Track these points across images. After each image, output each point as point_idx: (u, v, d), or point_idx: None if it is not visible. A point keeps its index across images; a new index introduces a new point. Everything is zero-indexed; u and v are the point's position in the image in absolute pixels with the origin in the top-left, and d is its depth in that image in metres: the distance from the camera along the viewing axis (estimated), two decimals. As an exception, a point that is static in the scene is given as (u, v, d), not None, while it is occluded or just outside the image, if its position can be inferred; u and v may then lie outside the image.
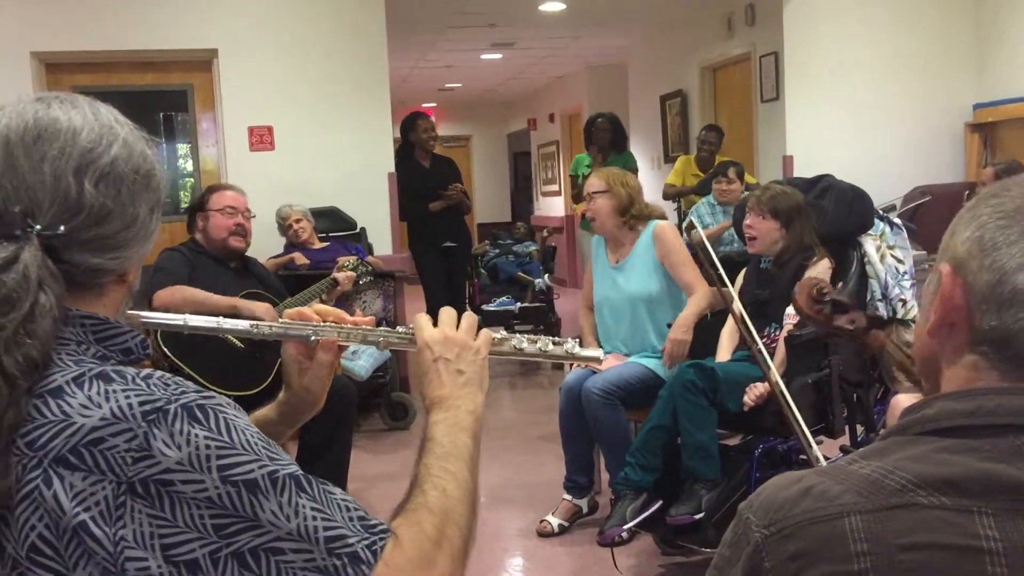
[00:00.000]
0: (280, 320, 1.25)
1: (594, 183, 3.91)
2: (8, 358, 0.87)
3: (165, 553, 0.85)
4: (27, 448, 0.87)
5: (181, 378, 0.94)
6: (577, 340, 1.31)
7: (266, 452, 0.91)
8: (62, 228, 0.93)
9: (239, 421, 0.92)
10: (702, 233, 3.09)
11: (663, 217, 4.01)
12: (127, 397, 0.89)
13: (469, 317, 1.23)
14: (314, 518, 0.89)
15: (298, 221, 5.38)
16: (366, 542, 0.90)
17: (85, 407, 0.88)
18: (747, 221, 3.51)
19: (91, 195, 0.94)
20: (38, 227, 0.92)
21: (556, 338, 1.30)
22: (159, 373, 0.93)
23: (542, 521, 3.80)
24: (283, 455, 0.92)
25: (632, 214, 3.86)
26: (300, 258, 5.22)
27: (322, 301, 4.09)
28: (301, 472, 0.91)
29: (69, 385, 0.89)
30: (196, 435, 0.88)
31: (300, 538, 0.88)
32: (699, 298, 3.66)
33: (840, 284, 3.39)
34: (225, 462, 0.88)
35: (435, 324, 1.21)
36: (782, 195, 3.48)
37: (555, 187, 12.42)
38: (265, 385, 3.73)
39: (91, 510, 0.85)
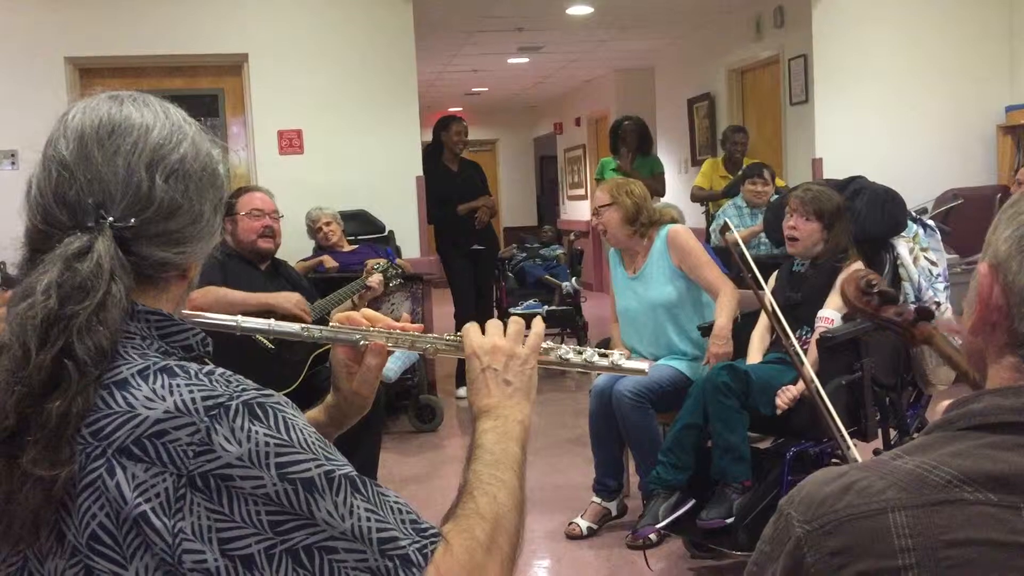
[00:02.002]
0: (331, 324, 1.26)
1: (599, 197, 3.89)
2: (80, 345, 0.88)
3: (222, 547, 0.86)
4: (92, 437, 0.88)
5: (241, 376, 0.95)
6: (620, 352, 1.30)
7: (323, 452, 0.92)
8: (132, 220, 0.95)
9: (297, 420, 0.93)
10: (736, 235, 3.08)
11: (674, 220, 3.97)
12: (191, 392, 0.90)
13: (516, 323, 1.22)
14: (368, 519, 0.90)
15: (328, 224, 5.42)
16: (417, 545, 0.91)
17: (150, 399, 0.89)
18: (790, 222, 3.46)
19: (161, 189, 0.97)
20: (111, 219, 0.94)
21: (601, 350, 1.28)
22: (220, 370, 0.94)
23: (571, 524, 3.79)
24: (338, 456, 0.94)
25: (641, 222, 3.82)
26: (329, 261, 5.25)
27: (354, 304, 4.09)
28: (356, 473, 0.93)
29: (134, 378, 0.91)
30: (256, 432, 0.89)
31: (354, 538, 0.89)
32: (728, 301, 3.61)
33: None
34: (284, 460, 0.89)
35: (483, 332, 1.21)
36: (824, 196, 3.44)
37: (581, 191, 12.41)
38: (294, 387, 3.75)
39: (151, 501, 0.86)
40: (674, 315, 3.79)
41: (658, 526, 3.19)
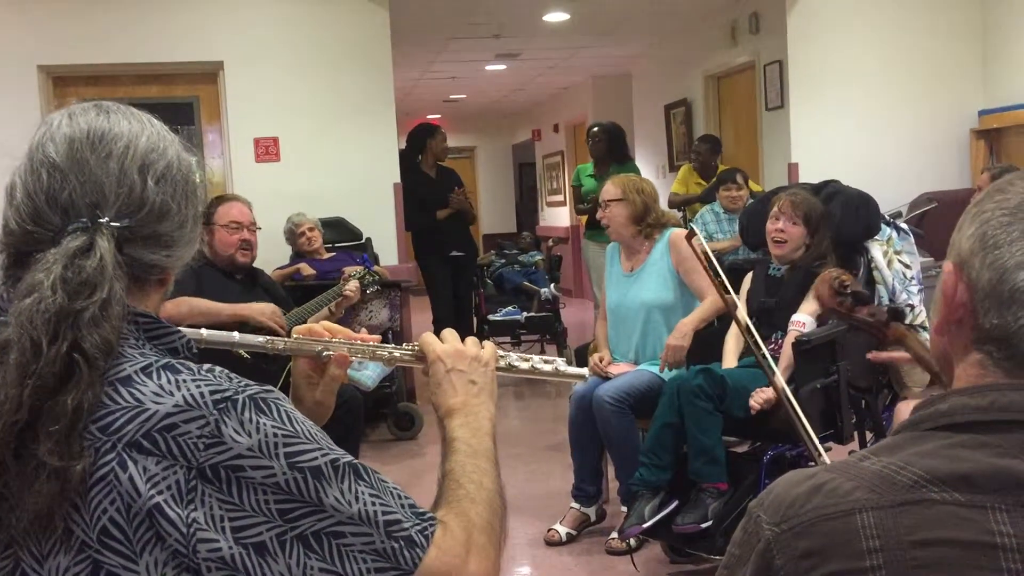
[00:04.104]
0: (293, 336, 1.30)
1: (609, 191, 3.87)
2: (89, 339, 0.90)
3: (235, 535, 0.89)
4: (100, 432, 0.89)
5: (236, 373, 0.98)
6: (564, 359, 1.39)
7: (324, 442, 0.96)
8: (127, 221, 0.98)
9: (297, 413, 0.97)
10: (703, 241, 3.08)
11: (678, 225, 3.98)
12: (198, 387, 0.93)
13: (471, 338, 1.29)
14: (373, 503, 0.94)
15: (311, 230, 5.42)
16: (419, 527, 0.96)
17: (157, 395, 0.91)
18: (778, 224, 3.47)
19: (153, 192, 1.00)
20: (107, 219, 0.96)
21: (546, 356, 1.39)
22: (219, 368, 0.97)
23: (550, 530, 3.79)
24: (336, 445, 0.97)
25: (648, 223, 3.81)
26: (306, 269, 5.23)
27: (331, 312, 4.06)
28: (357, 461, 0.97)
29: (138, 374, 0.93)
30: (264, 424, 0.93)
31: (361, 522, 0.93)
32: (706, 305, 3.64)
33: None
34: (291, 450, 0.93)
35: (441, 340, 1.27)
36: (812, 202, 3.47)
37: (560, 197, 12.43)
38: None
39: (163, 494, 0.88)
40: (666, 318, 3.77)
41: (645, 525, 3.19)
